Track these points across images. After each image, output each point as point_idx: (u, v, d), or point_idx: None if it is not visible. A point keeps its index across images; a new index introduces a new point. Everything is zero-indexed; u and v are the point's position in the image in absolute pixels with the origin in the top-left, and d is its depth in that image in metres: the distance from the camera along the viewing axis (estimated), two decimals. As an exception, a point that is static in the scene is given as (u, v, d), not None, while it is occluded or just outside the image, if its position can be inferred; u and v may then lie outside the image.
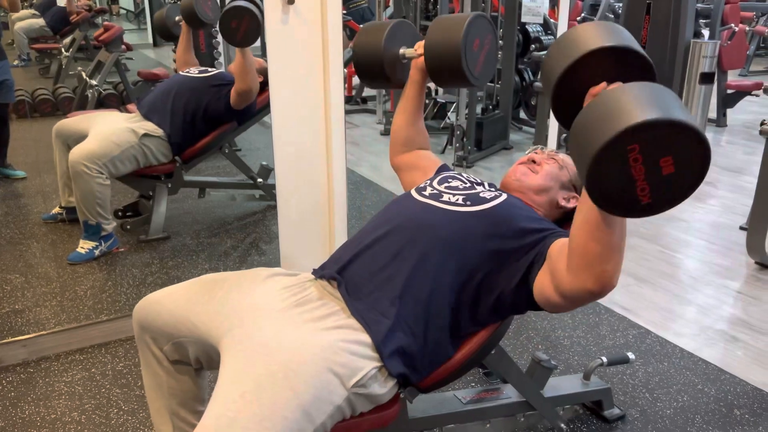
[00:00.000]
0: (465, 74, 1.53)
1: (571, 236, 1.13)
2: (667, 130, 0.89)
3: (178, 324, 1.33)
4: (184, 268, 2.84)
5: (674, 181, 0.94)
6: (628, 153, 0.89)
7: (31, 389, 2.04)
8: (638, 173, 0.92)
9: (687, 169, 0.93)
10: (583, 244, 1.09)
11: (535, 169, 1.54)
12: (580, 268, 1.11)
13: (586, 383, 1.92)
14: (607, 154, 0.90)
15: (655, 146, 0.89)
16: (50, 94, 3.96)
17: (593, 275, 1.10)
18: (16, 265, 2.81)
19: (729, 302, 2.69)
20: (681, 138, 0.90)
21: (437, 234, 1.34)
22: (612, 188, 0.93)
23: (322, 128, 2.48)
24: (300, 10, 2.30)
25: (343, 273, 1.34)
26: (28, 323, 2.36)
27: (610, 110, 0.93)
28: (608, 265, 1.09)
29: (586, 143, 0.93)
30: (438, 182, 1.51)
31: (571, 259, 1.14)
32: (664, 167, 0.91)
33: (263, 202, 3.56)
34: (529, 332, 2.40)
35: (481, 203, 1.40)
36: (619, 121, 0.90)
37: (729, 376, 2.17)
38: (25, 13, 4.01)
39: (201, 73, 3.14)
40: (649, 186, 0.93)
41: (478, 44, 1.54)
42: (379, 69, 1.70)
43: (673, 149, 0.91)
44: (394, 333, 1.25)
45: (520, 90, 5.44)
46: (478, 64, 1.56)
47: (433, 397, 1.64)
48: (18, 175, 3.59)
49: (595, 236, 1.08)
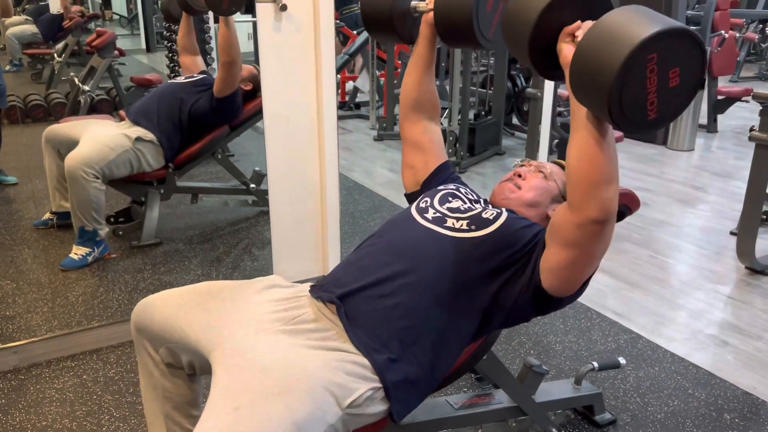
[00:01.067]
0: (476, 37, 1.45)
1: (570, 172, 1.14)
2: (678, 39, 0.93)
3: (170, 330, 1.33)
4: (177, 274, 2.83)
5: (677, 94, 0.98)
6: (647, 63, 0.93)
7: (22, 396, 2.03)
8: (651, 85, 0.95)
9: (688, 80, 0.97)
10: (585, 175, 1.11)
11: (520, 184, 1.52)
12: (584, 200, 1.13)
13: (578, 388, 1.92)
14: (631, 63, 0.92)
15: (668, 56, 0.93)
16: (42, 100, 3.94)
17: (597, 203, 1.11)
18: (7, 271, 2.80)
19: (719, 307, 2.71)
20: (687, 47, 0.95)
21: (441, 262, 1.32)
22: (628, 101, 0.96)
23: (315, 134, 2.49)
24: (293, 16, 2.32)
25: (344, 299, 1.30)
26: (19, 330, 2.35)
27: (621, 28, 0.95)
28: (609, 191, 1.11)
29: (605, 60, 0.95)
30: (439, 202, 1.47)
31: (573, 196, 1.15)
32: (671, 79, 0.96)
33: (256, 208, 3.56)
34: (520, 337, 2.41)
35: (486, 226, 1.37)
36: (639, 33, 0.92)
37: (719, 380, 2.18)
38: (18, 18, 3.99)
39: (187, 78, 3.16)
40: (657, 99, 0.97)
41: (492, 5, 1.45)
42: (388, 22, 1.60)
43: (680, 60, 0.95)
44: (397, 363, 1.23)
45: (512, 96, 5.47)
46: (491, 26, 1.48)
47: (425, 403, 1.63)
48: (9, 180, 3.57)
49: (595, 164, 1.10)
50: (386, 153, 5.18)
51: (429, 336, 1.28)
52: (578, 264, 1.24)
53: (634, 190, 1.76)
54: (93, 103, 3.90)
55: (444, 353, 1.32)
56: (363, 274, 1.33)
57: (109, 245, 3.05)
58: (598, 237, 1.17)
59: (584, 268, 1.25)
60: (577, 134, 1.12)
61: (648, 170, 4.66)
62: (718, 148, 5.38)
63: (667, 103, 0.99)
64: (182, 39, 3.33)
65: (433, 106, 1.67)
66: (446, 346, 1.32)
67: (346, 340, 1.24)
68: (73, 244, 2.83)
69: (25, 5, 4.15)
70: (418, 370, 1.26)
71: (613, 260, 3.08)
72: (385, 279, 1.30)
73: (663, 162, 4.92)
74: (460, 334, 1.33)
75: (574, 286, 1.30)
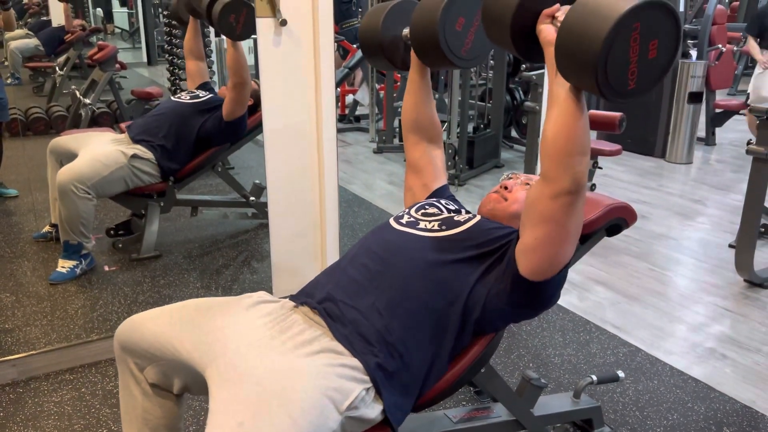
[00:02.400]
0: (446, 56, 1.49)
1: (547, 145, 1.18)
2: (657, 11, 0.99)
3: (161, 348, 1.32)
4: (176, 287, 2.84)
5: (654, 66, 1.04)
6: (631, 32, 0.98)
7: (20, 409, 2.02)
8: (633, 54, 1.01)
9: (664, 53, 1.03)
10: (562, 146, 1.15)
11: (506, 196, 1.55)
12: (559, 171, 1.17)
13: (577, 401, 1.92)
14: (617, 32, 0.97)
15: (649, 27, 0.99)
16: (44, 113, 3.97)
17: (570, 174, 1.16)
18: (7, 284, 2.80)
19: (718, 320, 2.70)
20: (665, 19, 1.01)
21: (414, 260, 1.37)
22: (613, 68, 1.01)
23: (314, 147, 2.51)
24: (293, 31, 2.34)
25: (323, 302, 1.35)
26: (18, 343, 2.35)
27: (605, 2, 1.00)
28: (582, 163, 1.17)
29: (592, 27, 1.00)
30: (416, 210, 1.55)
31: (548, 168, 1.19)
32: (651, 50, 1.02)
33: (255, 221, 3.57)
34: (519, 350, 2.41)
35: (456, 226, 1.44)
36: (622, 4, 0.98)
37: (718, 393, 2.18)
38: (19, 32, 4.03)
39: (192, 98, 3.17)
40: (637, 70, 1.02)
41: (463, 23, 1.49)
42: (380, 51, 1.67)
43: (659, 32, 1.01)
44: (383, 359, 1.25)
45: (511, 109, 5.49)
46: (465, 43, 1.51)
47: (423, 417, 1.64)
48: (10, 193, 3.58)
49: (572, 135, 1.15)
50: (386, 165, 5.19)
51: (409, 332, 1.30)
52: (554, 239, 1.24)
53: (632, 203, 1.77)
54: (94, 116, 3.93)
55: (428, 352, 1.33)
56: (343, 278, 1.39)
57: (108, 258, 3.06)
58: (572, 208, 1.20)
59: (560, 244, 1.25)
60: (555, 109, 1.17)
61: (646, 183, 4.67)
62: (716, 161, 5.40)
63: (646, 74, 1.05)
64: (189, 43, 3.34)
65: (432, 127, 1.72)
66: (429, 344, 1.33)
67: (332, 339, 1.27)
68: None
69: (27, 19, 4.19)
70: (403, 366, 1.28)
71: (612, 273, 3.08)
72: (362, 281, 1.36)
73: (661, 175, 4.94)
74: (441, 331, 1.34)
75: (552, 266, 1.28)
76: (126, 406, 1.42)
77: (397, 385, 1.28)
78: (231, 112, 3.04)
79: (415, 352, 1.31)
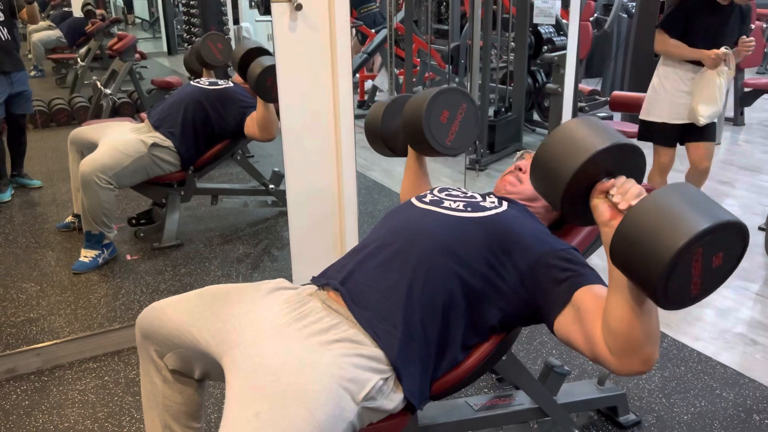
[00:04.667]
0: (435, 149, 1.64)
1: (612, 327, 1.12)
2: (723, 232, 0.99)
3: (180, 336, 1.32)
4: (197, 275, 2.85)
5: (719, 271, 1.03)
6: (693, 255, 0.97)
7: (45, 398, 2.05)
8: (696, 271, 1.00)
9: (731, 258, 1.03)
10: (628, 334, 1.10)
11: (521, 178, 1.53)
12: (627, 354, 1.12)
13: (601, 389, 1.89)
14: (680, 258, 0.96)
15: (713, 246, 0.98)
16: (66, 104, 4.00)
17: (640, 359, 1.12)
18: (31, 273, 2.84)
19: (748, 305, 2.64)
20: (731, 235, 1.00)
21: (438, 238, 1.33)
22: (674, 286, 1.00)
23: (332, 134, 2.48)
24: (308, 16, 2.30)
25: (345, 283, 1.33)
26: (42, 332, 2.38)
27: (670, 218, 0.99)
28: (653, 347, 1.12)
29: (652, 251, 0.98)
30: (438, 190, 1.52)
31: (614, 344, 1.13)
32: (715, 261, 1.01)
33: (275, 209, 3.57)
34: (542, 337, 2.38)
35: (482, 210, 1.40)
36: (688, 228, 0.97)
37: (748, 380, 2.12)
38: (42, 24, 4.05)
39: (211, 84, 3.16)
40: (701, 280, 1.01)
41: (447, 116, 1.64)
42: (381, 141, 1.88)
43: (725, 246, 1.00)
44: (405, 342, 1.23)
45: (532, 92, 5.40)
46: (449, 134, 1.66)
47: (444, 404, 1.63)
48: (34, 184, 3.62)
49: (638, 327, 1.09)
50: (406, 151, 5.15)
51: (427, 312, 1.28)
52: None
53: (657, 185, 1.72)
54: (115, 107, 3.95)
55: (445, 334, 1.31)
56: (365, 258, 1.37)
57: (130, 247, 3.08)
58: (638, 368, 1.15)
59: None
60: (615, 298, 1.11)
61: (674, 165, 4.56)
62: (745, 142, 5.26)
63: (710, 280, 1.02)
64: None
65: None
66: (446, 327, 1.31)
67: (352, 327, 1.25)
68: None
69: (49, 11, 4.21)
70: (423, 348, 1.27)
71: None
72: (384, 260, 1.33)
73: (688, 157, 4.82)
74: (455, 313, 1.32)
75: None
76: (147, 393, 1.43)
77: (417, 368, 1.26)
78: (251, 136, 3.11)
79: (431, 334, 1.28)
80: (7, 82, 3.22)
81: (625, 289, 1.07)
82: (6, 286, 2.72)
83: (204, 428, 1.52)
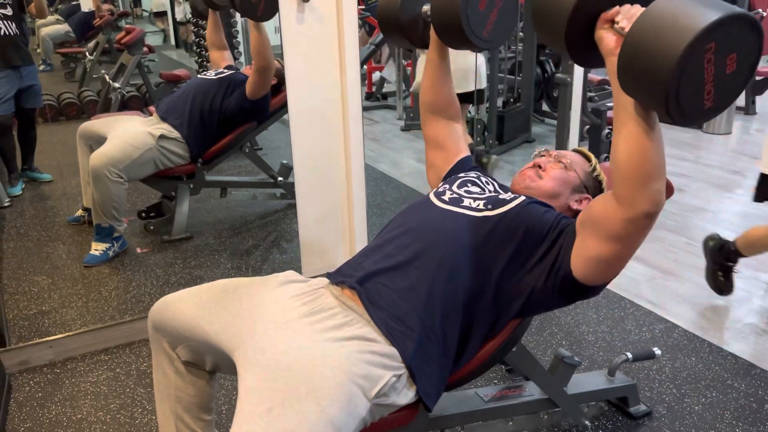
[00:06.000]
0: (468, 38, 1.44)
1: (620, 167, 1.12)
2: (735, 26, 0.90)
3: (191, 329, 1.33)
4: (207, 268, 2.86)
5: (733, 80, 0.95)
6: (705, 53, 0.90)
7: (58, 390, 2.07)
8: (708, 75, 0.93)
9: (744, 64, 0.95)
10: (637, 168, 1.09)
11: (542, 174, 1.51)
12: (636, 194, 1.11)
13: (611, 379, 1.88)
14: (689, 56, 0.89)
15: (726, 43, 0.91)
16: (75, 98, 4.01)
17: (649, 197, 1.11)
18: (43, 267, 2.86)
19: (759, 294, 2.62)
20: (745, 33, 0.92)
21: (459, 240, 1.32)
22: (685, 93, 0.93)
23: (340, 126, 2.48)
24: (316, 7, 2.30)
25: (363, 283, 1.31)
26: (55, 324, 2.40)
27: (675, 17, 0.92)
28: (660, 182, 1.11)
29: (659, 53, 0.92)
30: (458, 186, 1.49)
31: (623, 191, 1.13)
32: (728, 65, 0.93)
33: (284, 201, 3.57)
34: (552, 328, 2.37)
35: (502, 205, 1.38)
36: (696, 22, 0.90)
37: (759, 370, 2.11)
38: (50, 19, 4.06)
39: (217, 75, 3.17)
40: (714, 88, 0.94)
41: (486, 2, 1.44)
42: (398, 29, 1.63)
43: (738, 45, 0.92)
44: (419, 343, 1.23)
45: (541, 82, 5.37)
46: (487, 24, 1.47)
47: (455, 395, 1.63)
48: (44, 178, 3.64)
49: (647, 157, 1.09)
50: (413, 143, 5.14)
51: (447, 315, 1.27)
52: (623, 257, 1.23)
53: (668, 175, 1.70)
54: (124, 100, 3.96)
55: (465, 335, 1.31)
56: (382, 258, 1.35)
57: (141, 240, 3.10)
58: (647, 230, 1.16)
59: (627, 259, 1.25)
60: (626, 127, 1.10)
61: (683, 155, 4.54)
62: (756, 131, 5.21)
63: (724, 90, 0.96)
64: (210, 35, 3.38)
65: (450, 107, 1.68)
66: (466, 327, 1.31)
67: (366, 325, 1.24)
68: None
69: (58, 5, 4.22)
70: (439, 349, 1.26)
71: (647, 248, 3.01)
72: (403, 261, 1.32)
73: (699, 146, 4.79)
74: (480, 315, 1.32)
75: (612, 275, 1.29)
76: (159, 384, 1.44)
77: (433, 369, 1.26)
78: (254, 93, 3.04)
79: (450, 335, 1.28)
80: (16, 77, 3.23)
81: (631, 114, 1.07)
82: (18, 279, 2.74)
83: (215, 420, 1.53)
